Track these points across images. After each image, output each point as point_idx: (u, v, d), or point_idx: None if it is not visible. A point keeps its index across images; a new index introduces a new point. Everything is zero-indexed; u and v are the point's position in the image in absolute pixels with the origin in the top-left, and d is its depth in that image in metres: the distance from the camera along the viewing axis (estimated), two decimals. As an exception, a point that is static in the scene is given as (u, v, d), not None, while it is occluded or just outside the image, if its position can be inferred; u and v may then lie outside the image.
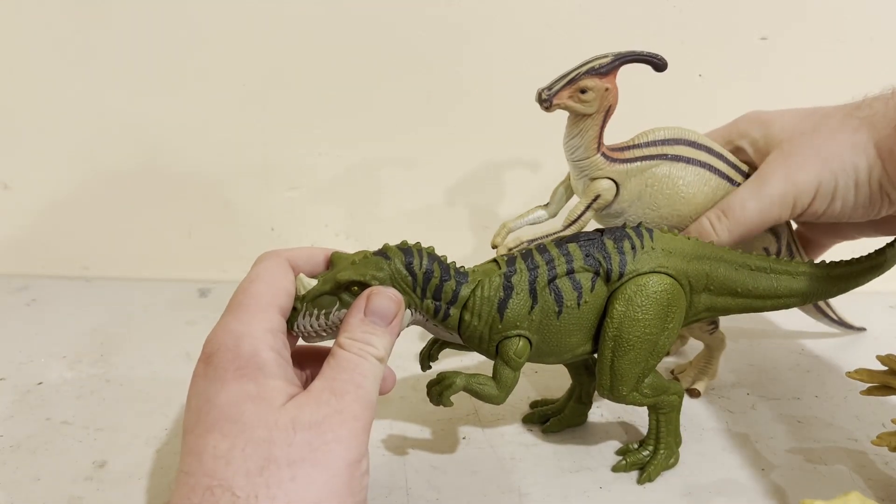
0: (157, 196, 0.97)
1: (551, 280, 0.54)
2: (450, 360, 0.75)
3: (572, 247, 0.55)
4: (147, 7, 0.90)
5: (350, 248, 0.56)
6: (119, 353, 0.77)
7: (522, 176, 0.95)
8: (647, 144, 0.60)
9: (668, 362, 0.75)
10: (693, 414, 0.66)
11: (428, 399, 0.56)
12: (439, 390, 0.55)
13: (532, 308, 0.54)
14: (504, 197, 0.97)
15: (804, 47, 0.89)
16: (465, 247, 0.97)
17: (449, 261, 0.55)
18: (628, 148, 0.60)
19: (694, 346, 0.77)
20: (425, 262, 0.53)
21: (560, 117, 0.58)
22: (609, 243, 0.55)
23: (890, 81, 0.90)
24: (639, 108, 0.59)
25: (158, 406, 0.67)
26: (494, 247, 0.61)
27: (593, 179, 0.59)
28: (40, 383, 0.71)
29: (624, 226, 0.57)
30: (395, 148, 0.95)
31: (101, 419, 0.65)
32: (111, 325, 0.84)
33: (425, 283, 0.53)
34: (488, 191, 0.96)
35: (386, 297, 0.47)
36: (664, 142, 0.61)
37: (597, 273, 0.54)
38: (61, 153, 0.96)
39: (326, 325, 0.52)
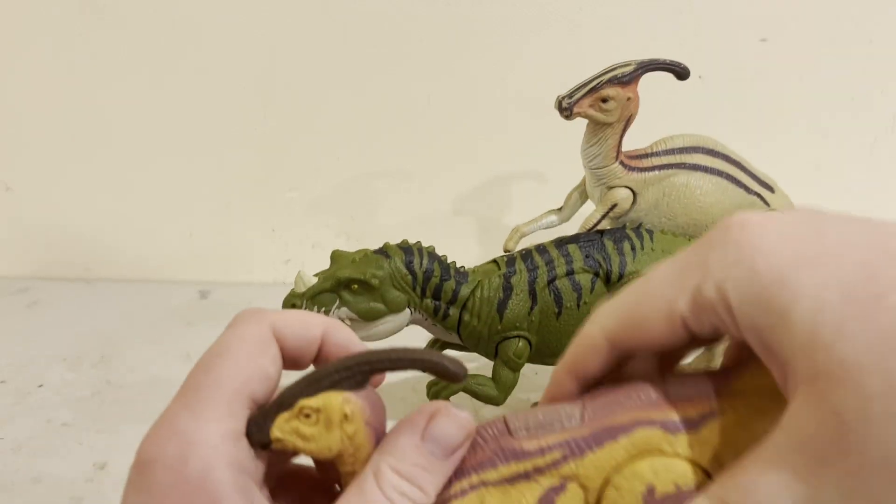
0: (157, 197, 0.97)
1: (551, 281, 0.54)
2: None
3: (572, 248, 0.55)
4: (147, 8, 0.90)
5: (352, 249, 0.56)
6: (120, 355, 0.77)
7: (525, 175, 0.95)
8: (665, 153, 0.60)
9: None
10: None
11: (428, 400, 0.56)
12: (437, 390, 0.55)
13: (531, 309, 0.54)
14: (507, 195, 0.96)
15: (804, 49, 0.89)
16: (466, 248, 0.97)
17: (449, 261, 0.55)
18: (646, 156, 0.60)
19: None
20: (425, 261, 0.53)
21: (566, 122, 0.58)
22: (609, 244, 0.55)
23: (889, 82, 0.90)
24: (639, 111, 0.59)
25: (159, 408, 0.66)
26: (507, 251, 0.61)
27: (610, 188, 0.59)
28: (41, 385, 0.71)
29: (624, 227, 0.57)
30: (396, 149, 0.95)
31: (101, 421, 0.65)
32: (112, 327, 0.84)
33: (425, 282, 0.53)
34: (491, 191, 0.96)
35: (455, 422, 0.30)
36: (682, 150, 0.60)
37: (596, 274, 0.54)
38: (62, 155, 0.96)
39: None
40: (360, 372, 0.31)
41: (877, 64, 0.89)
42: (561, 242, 0.56)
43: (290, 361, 0.32)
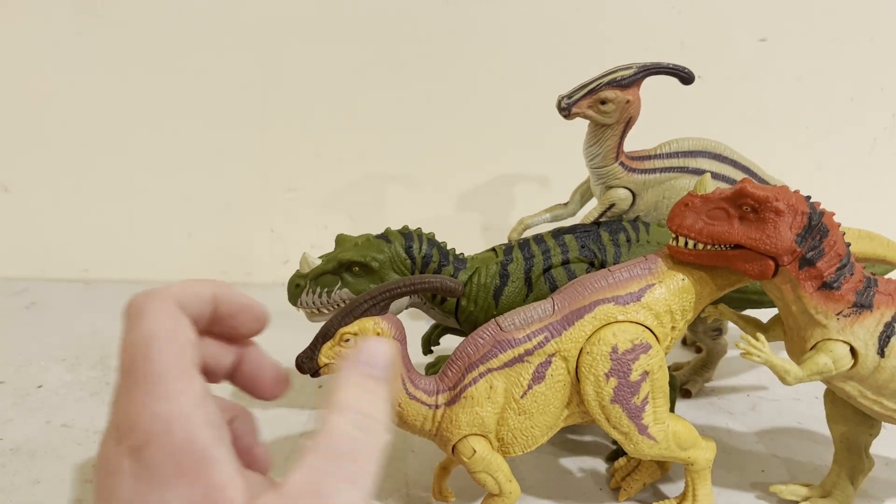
0: (157, 198, 0.97)
1: (546, 269, 0.55)
2: (451, 346, 0.75)
3: (568, 238, 0.56)
4: (147, 10, 0.90)
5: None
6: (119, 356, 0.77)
7: (527, 177, 0.95)
8: (669, 155, 0.60)
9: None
10: (693, 415, 0.66)
11: None
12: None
13: (527, 296, 0.55)
14: (509, 196, 0.96)
15: (803, 48, 0.89)
16: (468, 249, 0.97)
17: (448, 248, 0.57)
18: (649, 158, 0.59)
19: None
20: (425, 246, 0.55)
21: (570, 123, 0.58)
22: (605, 235, 0.56)
23: (889, 81, 0.90)
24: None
25: (158, 408, 0.67)
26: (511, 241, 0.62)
27: (609, 187, 0.59)
28: (40, 386, 0.71)
29: (621, 219, 0.58)
30: (396, 150, 0.95)
31: (100, 422, 0.65)
32: (111, 328, 0.83)
33: (424, 267, 0.55)
34: (492, 192, 0.96)
35: (378, 342, 0.36)
36: (687, 154, 0.60)
37: (591, 264, 0.55)
38: (61, 155, 0.96)
39: (328, 302, 0.54)
40: (382, 300, 0.40)
41: (877, 64, 0.89)
42: (558, 233, 0.57)
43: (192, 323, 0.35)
